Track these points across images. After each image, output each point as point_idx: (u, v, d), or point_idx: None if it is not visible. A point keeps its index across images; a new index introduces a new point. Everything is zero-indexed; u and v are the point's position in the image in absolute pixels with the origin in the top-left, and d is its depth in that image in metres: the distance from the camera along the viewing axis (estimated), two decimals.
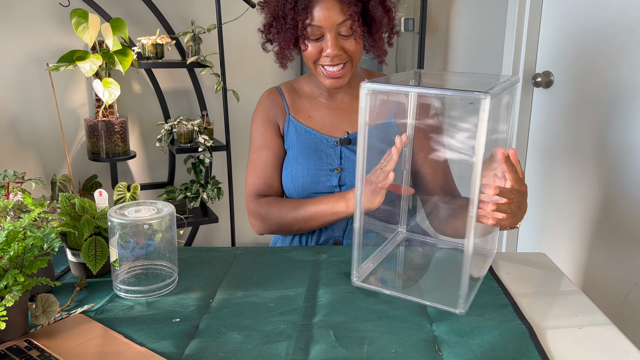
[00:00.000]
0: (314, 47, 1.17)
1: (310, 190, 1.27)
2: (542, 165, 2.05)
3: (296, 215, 1.21)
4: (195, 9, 2.33)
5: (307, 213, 1.20)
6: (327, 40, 1.15)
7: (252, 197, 1.29)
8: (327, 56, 1.16)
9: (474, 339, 0.83)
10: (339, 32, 1.15)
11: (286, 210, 1.22)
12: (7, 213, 0.94)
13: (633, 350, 0.81)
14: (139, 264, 0.98)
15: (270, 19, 1.21)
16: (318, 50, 1.17)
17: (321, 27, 1.14)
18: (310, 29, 1.15)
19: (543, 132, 2.03)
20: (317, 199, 1.21)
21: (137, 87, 2.33)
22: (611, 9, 1.66)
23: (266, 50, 1.28)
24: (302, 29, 1.15)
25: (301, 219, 1.21)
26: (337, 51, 1.15)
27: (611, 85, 1.68)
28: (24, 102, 2.16)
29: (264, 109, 1.33)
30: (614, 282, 1.69)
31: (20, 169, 2.15)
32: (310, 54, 1.18)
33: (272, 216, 1.24)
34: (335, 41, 1.15)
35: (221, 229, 2.62)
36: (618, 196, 1.67)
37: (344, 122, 1.29)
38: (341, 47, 1.16)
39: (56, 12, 2.12)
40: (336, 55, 1.16)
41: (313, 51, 1.17)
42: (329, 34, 1.15)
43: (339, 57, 1.17)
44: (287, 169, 1.30)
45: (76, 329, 0.85)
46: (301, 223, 1.21)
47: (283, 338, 0.83)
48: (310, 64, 1.21)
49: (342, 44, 1.16)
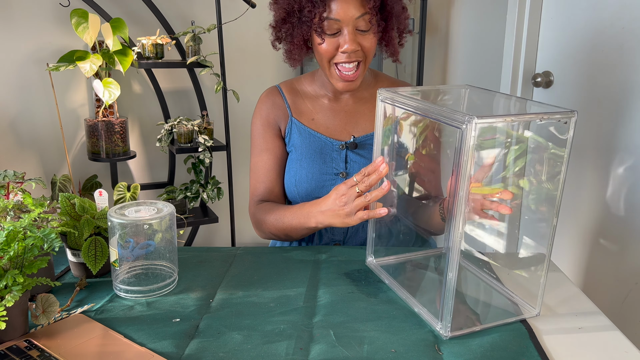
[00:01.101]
0: (329, 43, 1.13)
1: (314, 194, 1.25)
2: None
3: (279, 226, 1.19)
4: (195, 9, 2.33)
5: (287, 226, 1.17)
6: (345, 35, 1.12)
7: (254, 202, 1.29)
8: (345, 52, 1.12)
9: (474, 339, 0.83)
10: (357, 27, 1.12)
11: (271, 218, 1.21)
12: (7, 213, 0.94)
13: (633, 351, 0.81)
14: (139, 264, 0.98)
15: (284, 14, 1.16)
16: (334, 46, 1.13)
17: (339, 20, 1.10)
18: (328, 22, 1.11)
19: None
20: (293, 211, 1.16)
21: (137, 87, 2.33)
22: (611, 10, 1.66)
23: (276, 48, 1.24)
24: (318, 23, 1.12)
25: (283, 230, 1.19)
26: (355, 46, 1.12)
27: (611, 85, 1.68)
28: (24, 102, 2.16)
29: (263, 111, 1.30)
30: (614, 282, 1.69)
31: (20, 169, 2.15)
32: (326, 50, 1.14)
33: (265, 223, 1.23)
34: (353, 36, 1.11)
35: (221, 229, 2.62)
36: (618, 196, 1.67)
37: (348, 125, 1.27)
38: (358, 43, 1.13)
39: (56, 12, 2.12)
40: (353, 51, 1.12)
41: (329, 47, 1.13)
42: (347, 28, 1.11)
43: (355, 54, 1.13)
44: (290, 173, 1.27)
45: (76, 329, 0.85)
46: (285, 233, 1.20)
47: (283, 338, 0.83)
48: (325, 63, 1.17)
49: (359, 39, 1.13)
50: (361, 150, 1.25)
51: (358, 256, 1.13)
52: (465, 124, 0.73)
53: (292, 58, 1.22)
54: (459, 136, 0.74)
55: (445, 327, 0.83)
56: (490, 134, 0.84)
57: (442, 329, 0.83)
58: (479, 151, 0.82)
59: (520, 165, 0.91)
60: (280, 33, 1.21)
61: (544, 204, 0.89)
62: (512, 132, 0.88)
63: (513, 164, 0.91)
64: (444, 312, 0.82)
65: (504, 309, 0.94)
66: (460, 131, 0.74)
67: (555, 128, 0.83)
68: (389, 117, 1.00)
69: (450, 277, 0.80)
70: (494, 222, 0.95)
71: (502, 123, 0.81)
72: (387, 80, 1.34)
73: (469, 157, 0.74)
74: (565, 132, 0.82)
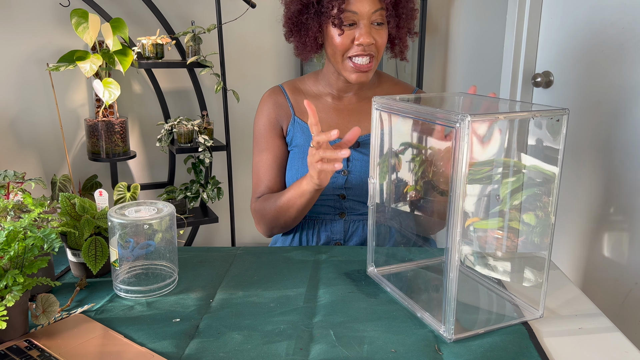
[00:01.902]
0: (345, 35, 1.16)
1: None
2: None
3: (276, 207, 1.21)
4: (195, 9, 2.33)
5: (282, 202, 1.20)
6: (361, 28, 1.15)
7: (255, 199, 1.31)
8: (360, 44, 1.15)
9: (474, 340, 0.83)
10: (372, 21, 1.15)
11: (270, 203, 1.23)
12: (7, 213, 0.94)
13: (633, 351, 0.81)
14: (139, 264, 0.98)
15: (300, 6, 1.19)
16: (350, 39, 1.16)
17: (356, 13, 1.14)
18: (344, 15, 1.14)
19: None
20: (288, 188, 1.20)
21: (137, 87, 2.33)
22: (611, 10, 1.66)
23: (289, 40, 1.26)
24: (337, 14, 1.14)
25: (280, 209, 1.21)
26: (370, 39, 1.15)
27: (611, 85, 1.68)
28: (24, 102, 2.16)
29: (266, 111, 1.32)
30: (614, 282, 1.69)
31: (20, 169, 2.15)
32: (341, 43, 1.16)
33: (264, 212, 1.25)
34: (368, 29, 1.15)
35: (221, 229, 2.61)
36: (617, 196, 1.67)
37: (351, 124, 1.27)
38: (373, 37, 1.16)
39: (56, 12, 2.12)
40: (369, 44, 1.15)
41: (345, 40, 1.16)
42: (363, 22, 1.15)
43: (369, 47, 1.16)
44: (292, 171, 1.29)
45: (76, 329, 0.85)
46: (282, 213, 1.21)
47: (283, 338, 0.83)
48: (339, 56, 1.19)
49: (373, 33, 1.16)
50: (364, 149, 1.25)
51: (358, 256, 1.13)
52: (459, 123, 0.74)
53: (305, 51, 1.23)
54: (454, 134, 0.75)
55: (448, 330, 0.83)
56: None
57: (445, 332, 0.83)
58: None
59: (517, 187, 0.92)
60: (293, 26, 1.22)
61: (541, 204, 0.89)
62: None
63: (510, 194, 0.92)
64: (446, 314, 0.82)
65: (507, 312, 0.94)
66: (454, 130, 0.75)
67: (548, 127, 0.84)
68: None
69: (452, 278, 0.80)
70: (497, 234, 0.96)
71: (499, 120, 0.81)
72: (390, 80, 1.35)
73: (464, 155, 0.75)
74: (558, 131, 0.83)
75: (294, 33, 1.23)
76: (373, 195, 1.03)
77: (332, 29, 1.17)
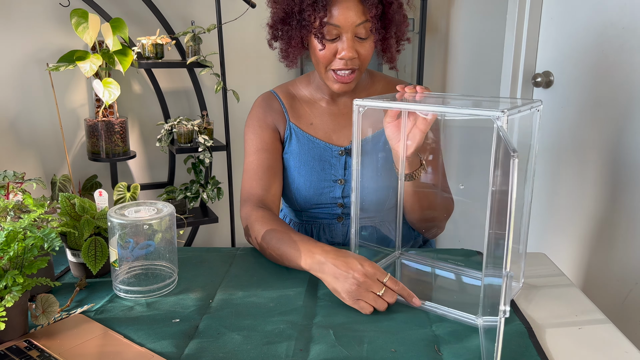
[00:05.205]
0: (327, 48, 1.11)
1: (313, 202, 1.24)
2: (541, 165, 2.05)
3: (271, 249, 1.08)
4: (195, 9, 2.33)
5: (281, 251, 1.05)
6: (344, 42, 1.10)
7: (250, 204, 1.18)
8: (342, 58, 1.10)
9: (473, 340, 0.83)
10: (356, 34, 1.10)
11: (267, 238, 1.09)
12: (7, 213, 0.94)
13: (633, 351, 0.81)
14: (138, 264, 0.98)
15: (282, 14, 1.14)
16: (332, 52, 1.11)
17: (339, 26, 1.08)
18: (327, 28, 1.09)
19: (543, 132, 2.03)
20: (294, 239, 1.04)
21: (137, 87, 2.33)
22: (611, 10, 1.66)
23: (272, 47, 1.22)
24: (319, 28, 1.09)
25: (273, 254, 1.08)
26: (353, 53, 1.10)
27: (611, 85, 1.68)
28: (24, 102, 2.16)
29: (260, 113, 1.26)
30: (614, 282, 1.69)
31: (20, 169, 2.15)
32: (323, 56, 1.12)
33: (258, 238, 1.12)
34: (351, 42, 1.10)
35: (221, 229, 2.62)
36: (618, 196, 1.67)
37: (346, 129, 1.24)
38: (356, 51, 1.11)
39: (56, 12, 2.12)
40: (351, 59, 1.10)
41: (327, 53, 1.11)
42: (346, 35, 1.09)
43: (352, 61, 1.11)
44: (287, 180, 1.25)
45: (76, 329, 0.85)
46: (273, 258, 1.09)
47: (283, 338, 0.83)
48: (321, 67, 1.15)
49: (356, 47, 1.11)
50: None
51: None
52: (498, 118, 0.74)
53: (288, 58, 1.19)
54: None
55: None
56: None
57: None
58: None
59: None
60: (277, 32, 1.18)
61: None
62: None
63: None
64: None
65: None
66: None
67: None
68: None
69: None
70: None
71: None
72: (384, 79, 1.31)
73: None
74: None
75: (278, 40, 1.19)
76: (356, 191, 1.02)
77: (314, 40, 1.12)
